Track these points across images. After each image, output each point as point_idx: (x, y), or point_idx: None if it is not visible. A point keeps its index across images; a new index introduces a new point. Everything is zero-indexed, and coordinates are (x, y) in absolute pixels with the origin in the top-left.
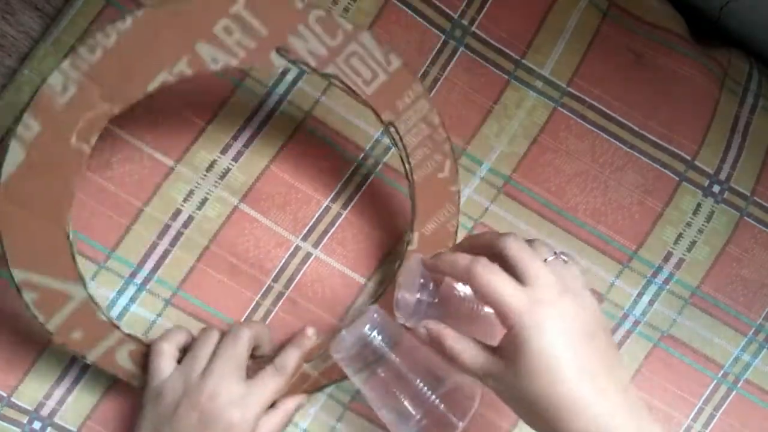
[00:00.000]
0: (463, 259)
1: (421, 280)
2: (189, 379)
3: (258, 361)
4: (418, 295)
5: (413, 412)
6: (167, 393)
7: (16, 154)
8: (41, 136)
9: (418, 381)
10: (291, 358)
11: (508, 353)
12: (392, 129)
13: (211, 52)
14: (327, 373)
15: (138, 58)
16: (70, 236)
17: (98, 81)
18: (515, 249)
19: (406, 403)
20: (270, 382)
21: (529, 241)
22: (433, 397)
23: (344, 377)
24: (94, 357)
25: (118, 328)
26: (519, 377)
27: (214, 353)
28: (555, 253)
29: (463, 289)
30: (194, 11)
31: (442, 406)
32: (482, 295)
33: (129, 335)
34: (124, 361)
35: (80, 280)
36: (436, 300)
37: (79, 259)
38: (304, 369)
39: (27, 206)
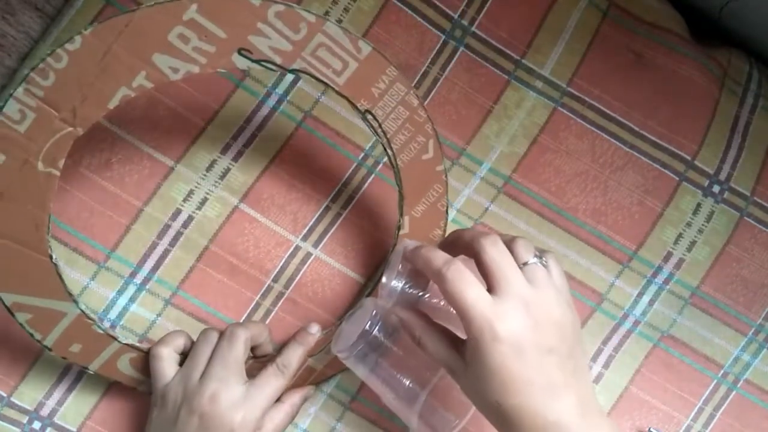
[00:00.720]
0: (437, 259)
1: (400, 267)
2: (189, 383)
3: (260, 361)
4: (394, 282)
5: (418, 391)
6: (169, 397)
7: None
8: (7, 166)
9: (419, 364)
10: (294, 356)
11: (468, 357)
12: (370, 117)
13: (170, 62)
14: (332, 365)
15: (93, 77)
16: (54, 258)
17: (55, 105)
18: (491, 253)
19: (409, 384)
20: (272, 381)
21: (512, 240)
22: (435, 377)
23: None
24: (96, 367)
25: (115, 339)
26: (476, 381)
27: (212, 355)
28: (535, 255)
29: None
30: (145, 23)
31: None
32: (448, 300)
33: (128, 344)
34: (126, 368)
35: (70, 297)
36: (411, 288)
37: (70, 271)
38: (308, 363)
39: (4, 234)
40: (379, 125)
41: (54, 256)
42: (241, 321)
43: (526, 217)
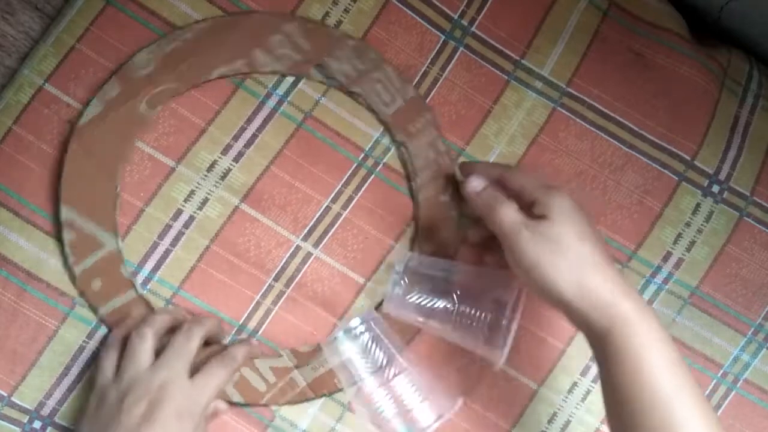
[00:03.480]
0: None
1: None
2: (137, 371)
3: (207, 350)
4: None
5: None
6: (116, 387)
7: (94, 107)
8: (118, 97)
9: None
10: (239, 352)
11: (542, 211)
12: (403, 149)
13: (264, 59)
14: (316, 385)
15: (206, 52)
16: (118, 189)
17: (171, 65)
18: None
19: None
20: (218, 372)
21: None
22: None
23: (332, 392)
24: (105, 312)
25: (134, 286)
26: (553, 225)
27: (167, 347)
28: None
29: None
30: (258, 23)
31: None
32: (516, 191)
33: (142, 297)
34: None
35: (115, 233)
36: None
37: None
38: (292, 376)
39: (91, 153)
40: (410, 158)
41: (118, 187)
42: (241, 321)
43: None
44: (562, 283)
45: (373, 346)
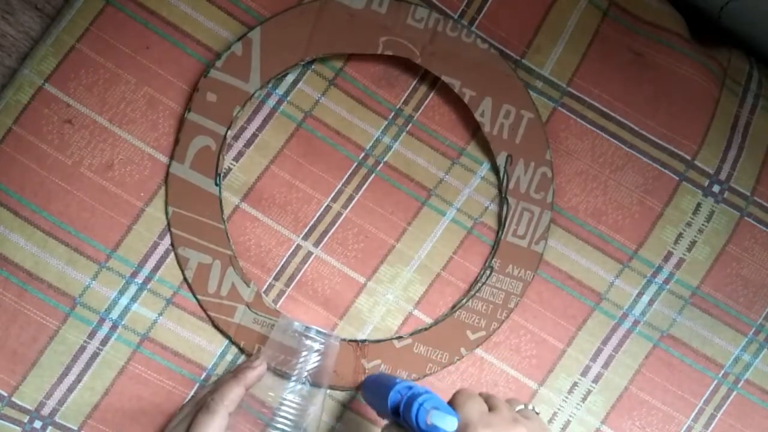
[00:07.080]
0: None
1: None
2: None
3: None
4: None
5: None
6: None
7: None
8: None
9: None
10: (228, 392)
11: None
12: (504, 173)
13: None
14: (314, 380)
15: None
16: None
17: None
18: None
19: None
20: (204, 421)
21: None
22: None
23: (330, 388)
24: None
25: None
26: None
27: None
28: (525, 405)
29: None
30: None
31: None
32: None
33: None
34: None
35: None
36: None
37: (71, 271)
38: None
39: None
40: (509, 212)
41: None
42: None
43: None
44: None
45: (309, 357)
